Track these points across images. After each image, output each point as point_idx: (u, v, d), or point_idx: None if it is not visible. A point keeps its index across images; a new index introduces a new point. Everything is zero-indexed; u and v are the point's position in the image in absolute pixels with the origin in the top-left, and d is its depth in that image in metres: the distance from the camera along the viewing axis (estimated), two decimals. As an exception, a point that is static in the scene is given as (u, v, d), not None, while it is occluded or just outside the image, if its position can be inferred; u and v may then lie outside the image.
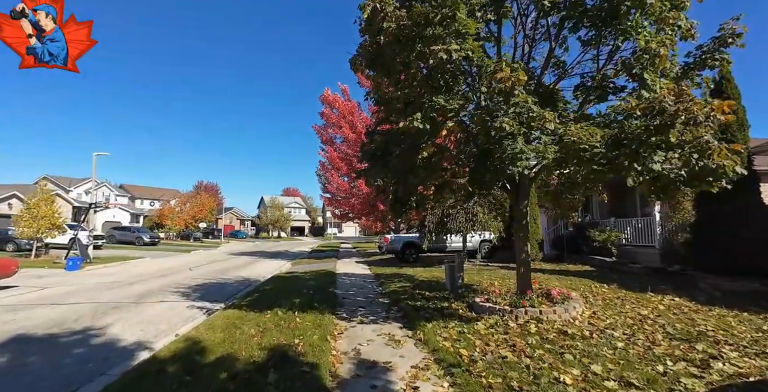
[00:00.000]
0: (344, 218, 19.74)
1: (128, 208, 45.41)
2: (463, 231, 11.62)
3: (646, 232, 11.10)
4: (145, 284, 10.86)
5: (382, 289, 9.01)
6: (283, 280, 11.00)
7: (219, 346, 4.74)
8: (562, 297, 5.71)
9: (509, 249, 13.12)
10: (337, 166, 17.13)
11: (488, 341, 4.59)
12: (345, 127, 16.88)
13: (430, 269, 12.39)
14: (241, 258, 21.04)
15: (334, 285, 9.73)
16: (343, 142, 17.63)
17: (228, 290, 9.72)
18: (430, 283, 9.30)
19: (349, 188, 17.68)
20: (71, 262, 14.47)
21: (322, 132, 18.33)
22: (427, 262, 14.49)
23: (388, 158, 5.59)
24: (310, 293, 8.42)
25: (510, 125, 4.00)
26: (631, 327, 5.02)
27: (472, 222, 11.47)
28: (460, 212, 11.55)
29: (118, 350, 5.08)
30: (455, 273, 8.06)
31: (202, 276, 12.77)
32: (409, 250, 15.41)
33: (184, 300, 8.41)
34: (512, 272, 10.57)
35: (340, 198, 18.55)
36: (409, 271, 11.99)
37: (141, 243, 30.34)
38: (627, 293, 7.44)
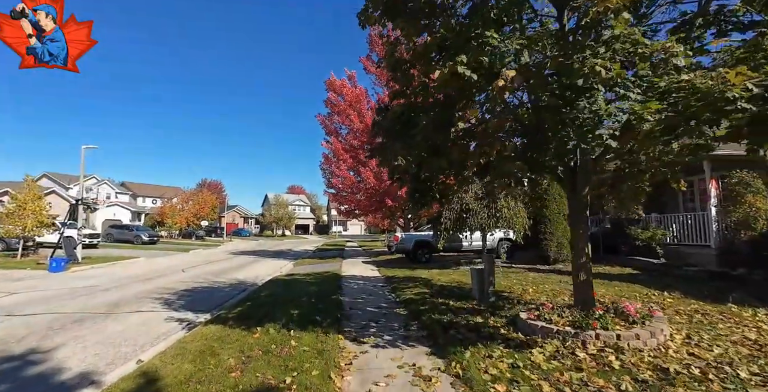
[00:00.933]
0: (349, 214, 18.41)
1: (129, 206, 44.51)
2: (486, 229, 10.25)
3: (698, 229, 9.64)
4: (126, 289, 9.63)
5: (396, 296, 7.67)
6: (282, 284, 9.71)
7: (182, 387, 3.43)
8: (641, 315, 4.33)
9: (533, 249, 11.74)
10: (342, 158, 15.81)
11: (558, 383, 3.23)
12: (352, 115, 15.51)
13: (447, 271, 11.03)
14: (241, 258, 19.84)
15: (340, 291, 8.42)
16: (348, 133, 16.28)
17: (217, 297, 8.44)
18: (452, 289, 7.94)
19: (354, 182, 16.34)
20: (54, 263, 13.31)
21: (327, 122, 16.96)
22: (442, 263, 13.13)
23: (411, 132, 4.23)
24: (311, 301, 7.11)
25: (605, 69, 2.62)
26: (754, 361, 3.63)
27: (495, 218, 10.09)
28: (482, 208, 10.17)
29: (52, 388, 3.79)
30: (485, 279, 6.69)
31: (194, 279, 11.53)
32: (422, 250, 14.06)
33: (165, 310, 7.14)
34: (545, 277, 9.19)
35: (345, 193, 17.21)
36: (424, 273, 10.64)
37: (140, 242, 29.30)
38: (700, 304, 6.04)
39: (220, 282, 10.92)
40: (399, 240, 14.21)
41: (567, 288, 7.57)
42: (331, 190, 17.83)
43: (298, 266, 15.67)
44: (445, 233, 10.71)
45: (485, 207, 10.17)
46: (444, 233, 10.74)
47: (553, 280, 8.74)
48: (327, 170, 17.40)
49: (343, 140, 16.51)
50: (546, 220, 10.91)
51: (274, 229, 63.22)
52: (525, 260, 12.07)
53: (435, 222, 11.57)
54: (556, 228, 10.82)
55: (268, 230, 64.44)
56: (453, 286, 8.32)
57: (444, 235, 10.79)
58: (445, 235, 10.81)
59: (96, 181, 43.56)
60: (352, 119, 15.61)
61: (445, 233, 10.70)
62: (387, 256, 17.82)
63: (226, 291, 9.33)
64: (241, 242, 40.25)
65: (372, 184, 15.16)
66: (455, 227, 10.72)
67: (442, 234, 10.74)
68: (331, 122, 16.78)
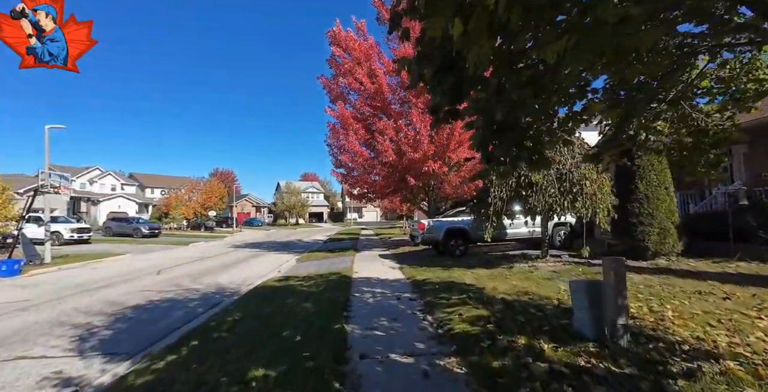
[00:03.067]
0: (362, 198, 15.40)
1: (135, 198, 42.79)
2: (557, 211, 7.12)
3: None
4: (56, 305, 6.99)
5: (436, 326, 4.68)
6: (267, 297, 6.88)
7: None
8: None
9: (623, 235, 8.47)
10: (352, 128, 12.74)
11: None
12: (361, 75, 12.33)
13: (498, 272, 7.98)
14: (240, 252, 17.27)
15: (346, 309, 5.53)
16: (358, 98, 13.12)
17: (164, 325, 5.65)
18: (528, 311, 4.90)
19: (368, 157, 13.26)
20: (4, 266, 10.90)
21: (331, 85, 13.79)
22: (484, 258, 10.10)
23: None
24: (297, 340, 4.23)
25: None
26: None
27: (571, 195, 6.93)
28: (550, 182, 7.02)
29: None
30: (609, 302, 3.63)
31: (163, 286, 8.87)
32: (455, 241, 11.03)
33: (57, 356, 4.39)
34: (664, 282, 5.88)
35: (357, 173, 14.20)
36: (466, 275, 7.63)
37: (139, 235, 27.24)
38: None
39: (192, 291, 8.19)
40: (425, 228, 11.19)
41: (735, 311, 4.48)
42: (340, 170, 14.81)
43: (302, 262, 12.91)
44: (493, 219, 7.62)
45: (556, 180, 6.99)
46: (492, 219, 7.65)
47: (687, 291, 5.59)
48: (333, 145, 14.37)
49: (351, 108, 13.38)
50: (640, 197, 7.61)
51: (287, 218, 61.13)
52: (597, 253, 8.89)
53: (477, 205, 8.48)
54: (657, 208, 7.52)
55: (281, 219, 62.40)
56: (526, 304, 5.27)
57: (492, 221, 7.71)
58: (493, 221, 7.73)
59: (100, 172, 41.88)
60: (362, 81, 12.42)
61: (493, 218, 7.61)
62: (408, 247, 14.87)
63: (188, 309, 6.56)
64: (251, 233, 38.07)
65: (391, 158, 12.09)
66: (507, 209, 7.61)
67: (490, 220, 7.65)
68: (336, 85, 13.61)
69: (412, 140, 11.71)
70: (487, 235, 7.89)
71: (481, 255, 11.47)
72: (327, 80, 13.76)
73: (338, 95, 13.49)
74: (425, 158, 11.90)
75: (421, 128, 11.39)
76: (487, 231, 7.87)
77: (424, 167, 11.94)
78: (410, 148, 11.82)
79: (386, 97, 12.63)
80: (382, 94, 12.52)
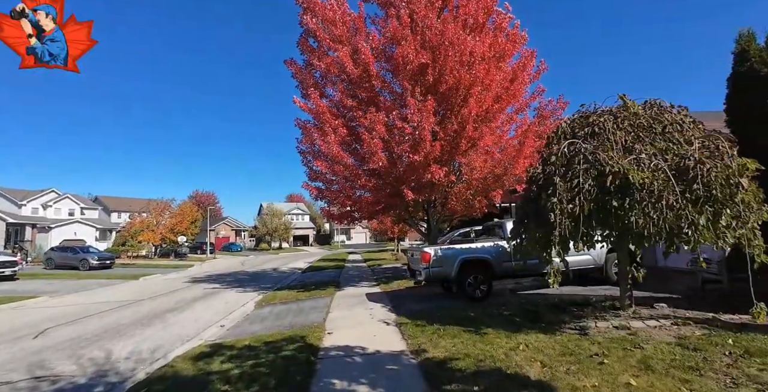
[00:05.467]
0: (345, 219, 12.01)
1: (96, 223, 38.40)
2: (686, 234, 3.91)
3: None
4: None
5: None
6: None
7: None
8: None
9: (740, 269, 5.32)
10: (330, 125, 9.56)
11: None
12: (342, 54, 9.32)
13: (566, 339, 4.66)
14: (193, 290, 13.65)
15: None
16: (338, 86, 10.03)
17: None
18: None
19: (351, 165, 10.03)
20: None
21: (304, 74, 10.71)
22: (517, 303, 6.82)
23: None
24: None
25: None
26: None
27: (710, 206, 3.78)
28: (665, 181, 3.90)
29: None
30: None
31: (13, 372, 5.30)
32: (474, 276, 7.74)
33: None
34: None
35: (337, 186, 10.96)
36: (517, 353, 4.31)
37: (87, 267, 23.12)
38: None
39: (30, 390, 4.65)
40: (431, 260, 7.86)
41: None
42: (317, 184, 11.49)
43: (261, 307, 9.43)
44: (560, 246, 4.40)
45: (675, 179, 3.85)
46: (555, 247, 4.44)
47: None
48: (307, 151, 11.17)
49: (330, 97, 10.27)
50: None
51: (270, 242, 56.87)
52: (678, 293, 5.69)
53: (522, 223, 5.31)
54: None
55: (264, 243, 58.05)
56: None
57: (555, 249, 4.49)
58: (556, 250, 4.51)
59: (56, 195, 37.61)
60: (343, 64, 9.42)
61: (560, 245, 4.39)
62: (405, 281, 11.46)
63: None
64: (225, 260, 34.02)
65: (381, 164, 8.89)
66: (580, 232, 4.40)
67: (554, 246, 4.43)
68: (310, 74, 10.56)
69: (411, 138, 8.60)
70: (552, 280, 4.54)
71: (508, 296, 8.18)
72: (298, 68, 10.69)
73: (311, 83, 10.40)
74: (427, 162, 8.77)
75: (422, 120, 8.29)
76: (552, 274, 4.56)
77: (426, 174, 8.78)
78: (408, 148, 8.70)
79: (375, 84, 9.60)
80: (369, 80, 9.48)
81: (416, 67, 8.90)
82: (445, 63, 8.65)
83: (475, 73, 8.41)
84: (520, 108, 10.37)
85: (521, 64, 9.52)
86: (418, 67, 8.93)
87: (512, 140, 9.72)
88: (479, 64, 8.52)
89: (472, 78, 8.45)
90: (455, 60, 8.58)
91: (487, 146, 9.16)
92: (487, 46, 8.96)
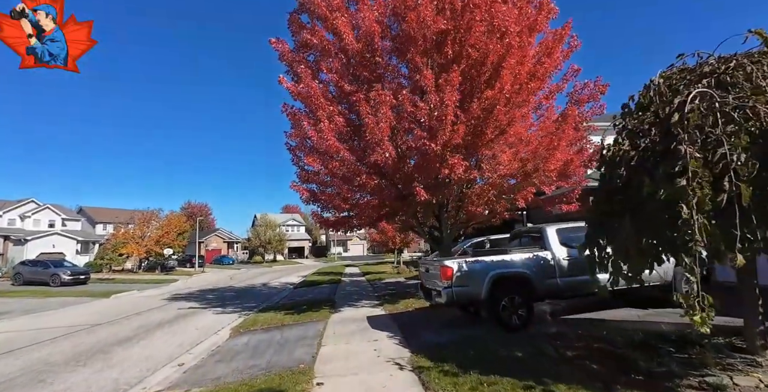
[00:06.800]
0: (341, 226, 10.14)
1: (77, 235, 36.22)
2: None
3: None
4: None
5: None
6: None
7: None
8: None
9: None
10: (324, 111, 7.85)
11: None
12: (341, 23, 7.73)
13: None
14: (168, 310, 11.75)
15: None
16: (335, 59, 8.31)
17: None
18: None
19: (350, 160, 8.26)
20: None
21: (291, 52, 9.00)
22: (577, 337, 5.00)
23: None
24: None
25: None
26: None
27: None
28: None
29: None
30: None
31: None
32: (511, 299, 5.93)
33: None
34: None
35: (332, 188, 9.20)
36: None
37: (58, 283, 21.02)
38: None
39: None
40: (453, 277, 6.05)
41: None
42: (309, 185, 9.70)
43: (238, 336, 7.53)
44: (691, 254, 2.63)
45: None
46: (688, 256, 2.67)
47: None
48: (297, 147, 9.44)
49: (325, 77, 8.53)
50: None
51: (264, 254, 54.53)
52: None
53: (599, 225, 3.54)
54: None
55: (257, 255, 55.68)
56: None
57: (689, 259, 2.72)
58: (689, 260, 2.75)
59: (36, 206, 35.52)
60: (341, 34, 7.78)
61: (692, 253, 2.62)
62: (413, 301, 9.55)
63: None
64: (213, 274, 31.84)
65: (388, 154, 7.09)
66: (728, 234, 2.64)
67: (688, 255, 2.66)
68: (301, 54, 8.88)
69: (428, 118, 6.86)
70: (698, 316, 2.78)
71: (552, 323, 6.34)
72: (287, 48, 9.00)
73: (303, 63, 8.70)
74: (444, 153, 7.03)
75: (444, 97, 6.57)
76: (682, 297, 2.81)
77: (443, 169, 7.03)
78: (425, 132, 6.95)
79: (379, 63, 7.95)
80: (373, 55, 7.83)
81: (433, 37, 7.28)
82: (469, 31, 7.02)
83: (509, 42, 6.76)
84: (551, 92, 8.72)
85: (558, 34, 7.90)
86: (434, 38, 7.31)
87: (549, 126, 7.96)
88: (513, 33, 6.89)
89: (504, 48, 6.79)
90: (482, 29, 6.96)
91: (519, 134, 7.44)
92: (516, 16, 7.38)
